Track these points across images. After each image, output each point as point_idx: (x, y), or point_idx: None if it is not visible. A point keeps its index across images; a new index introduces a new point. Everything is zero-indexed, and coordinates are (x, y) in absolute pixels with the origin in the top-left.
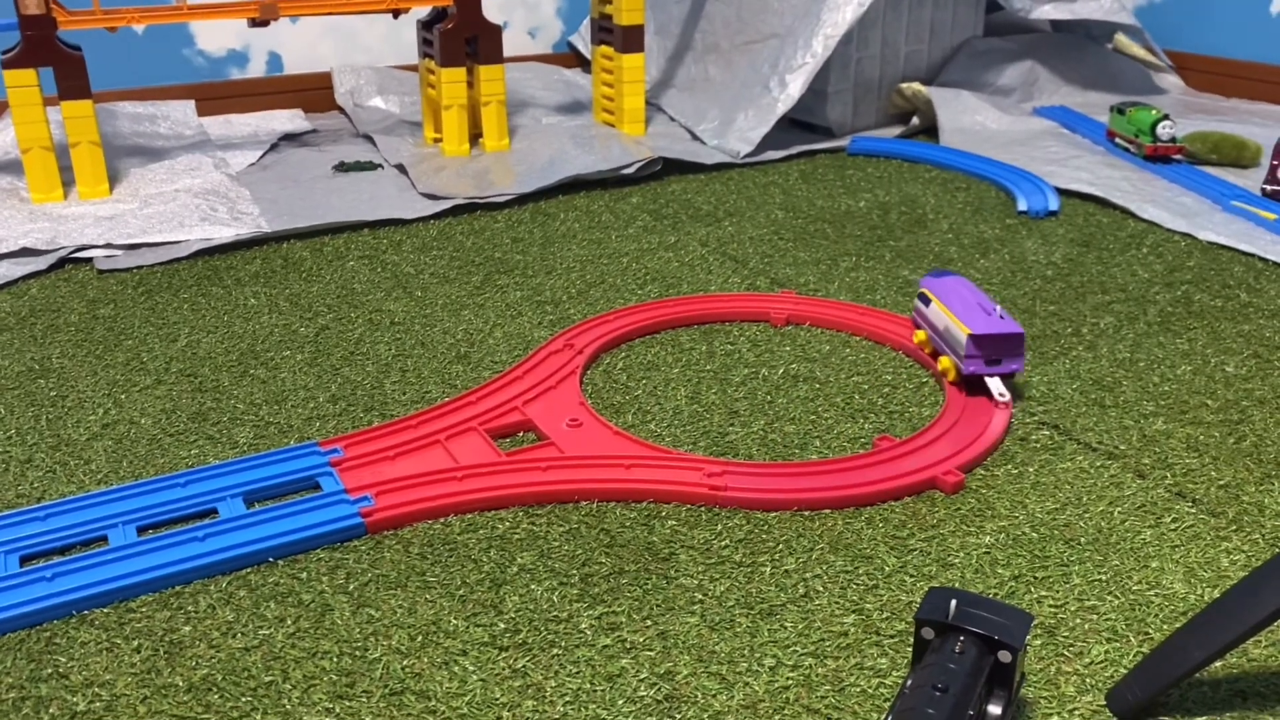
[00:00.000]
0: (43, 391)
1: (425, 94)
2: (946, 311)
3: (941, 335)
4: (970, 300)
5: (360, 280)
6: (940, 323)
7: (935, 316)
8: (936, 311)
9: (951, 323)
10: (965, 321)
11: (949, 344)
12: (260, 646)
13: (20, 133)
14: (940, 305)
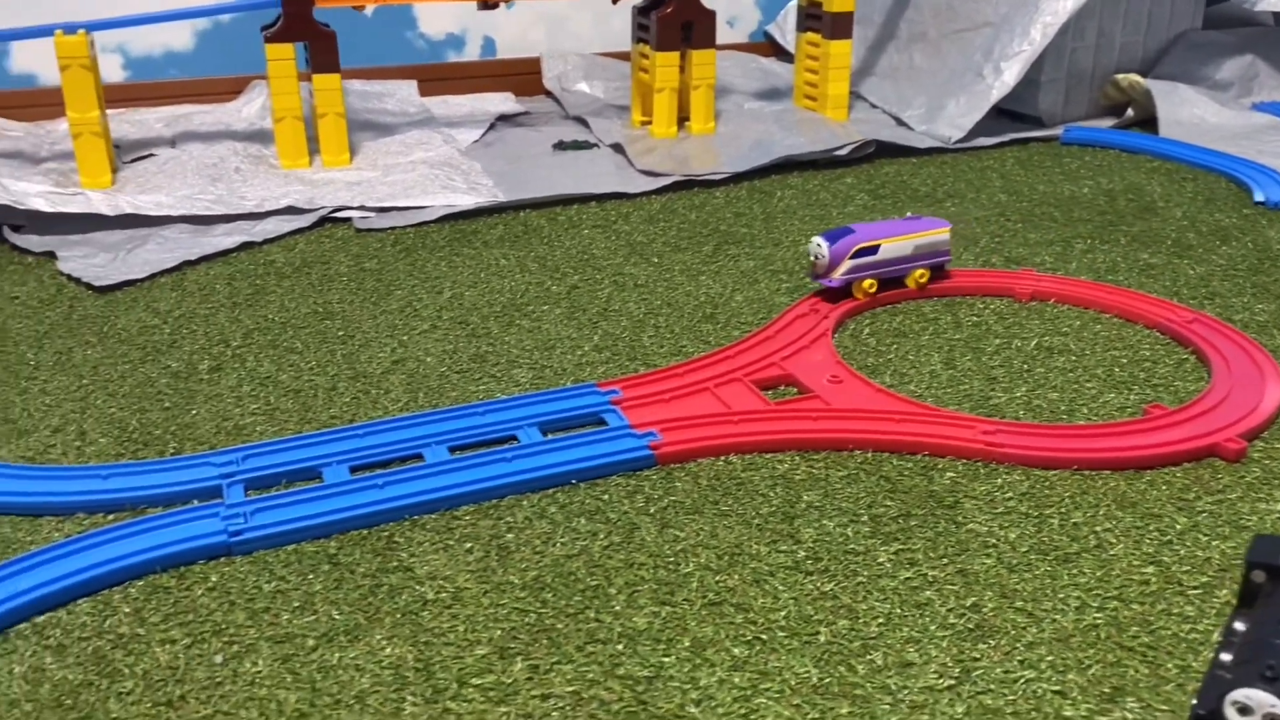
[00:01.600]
0: (332, 330)
1: (636, 78)
2: (906, 237)
3: (909, 258)
4: (896, 224)
5: (598, 247)
6: (906, 249)
7: (895, 251)
8: (893, 246)
9: (923, 238)
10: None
11: (920, 258)
12: (580, 555)
13: (276, 102)
14: (893, 240)
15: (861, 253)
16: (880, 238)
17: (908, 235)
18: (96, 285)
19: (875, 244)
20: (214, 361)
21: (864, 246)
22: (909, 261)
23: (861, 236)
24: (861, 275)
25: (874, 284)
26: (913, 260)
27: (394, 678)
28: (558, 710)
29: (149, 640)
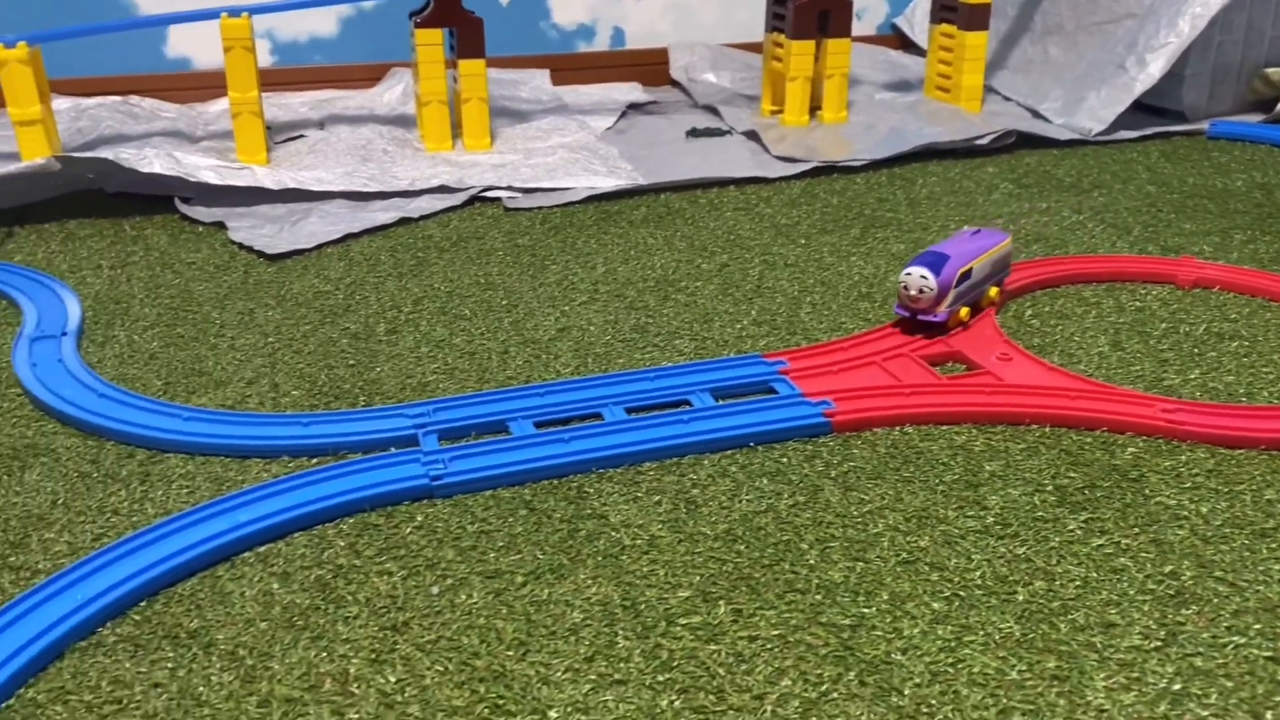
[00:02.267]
0: (495, 300)
1: (768, 67)
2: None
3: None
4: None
5: (743, 228)
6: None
7: (980, 271)
8: (980, 267)
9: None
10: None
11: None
12: (767, 512)
13: (423, 86)
14: (978, 260)
15: (963, 278)
16: (970, 258)
17: (987, 253)
18: (268, 253)
19: (970, 267)
20: (389, 325)
21: (964, 270)
22: (986, 280)
23: (957, 260)
24: (960, 303)
25: (968, 311)
26: (989, 278)
27: (603, 614)
28: (766, 651)
29: (366, 571)
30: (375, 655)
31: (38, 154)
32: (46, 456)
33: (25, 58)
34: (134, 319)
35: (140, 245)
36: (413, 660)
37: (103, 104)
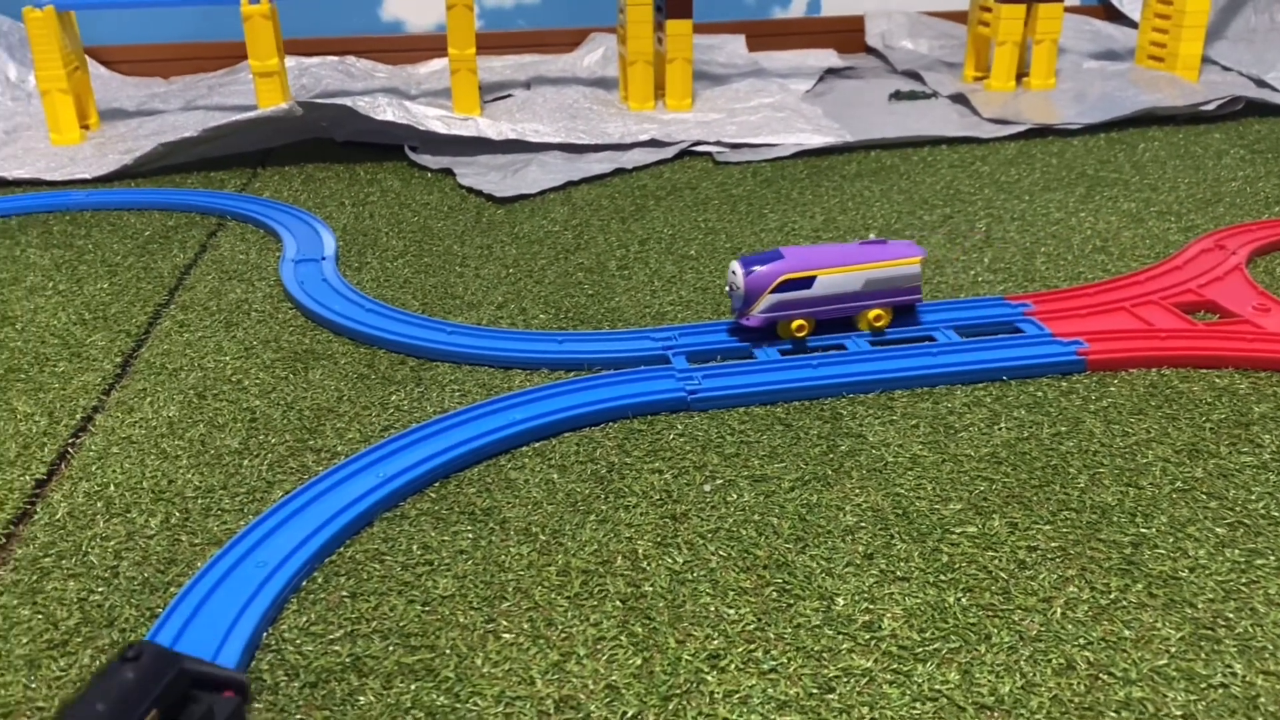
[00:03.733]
0: (719, 243)
1: (974, 32)
2: (857, 268)
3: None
4: (849, 249)
5: (961, 184)
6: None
7: (837, 285)
8: (836, 279)
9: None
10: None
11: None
12: (1029, 439)
13: (631, 45)
14: (835, 271)
15: (789, 286)
16: (817, 267)
17: (858, 265)
18: (496, 196)
19: (809, 275)
20: (619, 262)
21: (793, 278)
22: (859, 299)
23: (791, 265)
24: (789, 314)
25: (804, 325)
26: (866, 298)
27: (875, 519)
28: (1048, 560)
29: (638, 469)
30: (660, 539)
31: (274, 103)
32: (326, 360)
33: (267, 13)
34: (383, 249)
35: (376, 188)
36: (696, 546)
37: (323, 63)
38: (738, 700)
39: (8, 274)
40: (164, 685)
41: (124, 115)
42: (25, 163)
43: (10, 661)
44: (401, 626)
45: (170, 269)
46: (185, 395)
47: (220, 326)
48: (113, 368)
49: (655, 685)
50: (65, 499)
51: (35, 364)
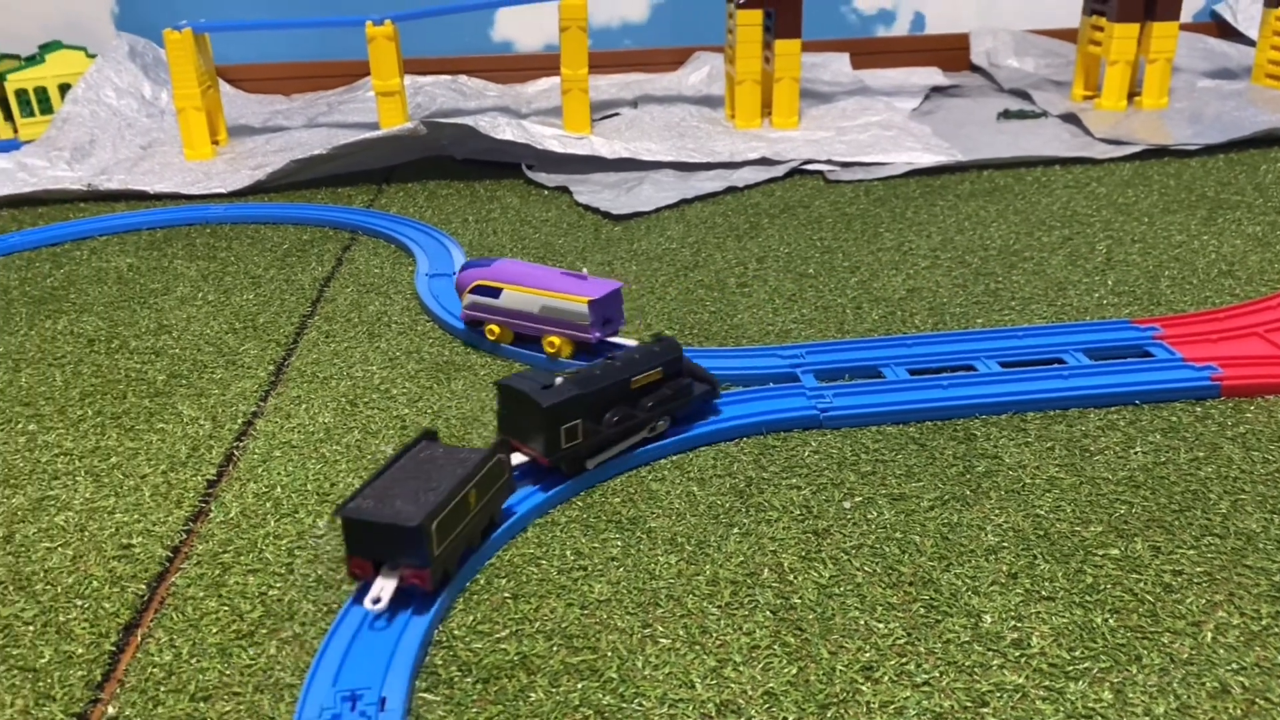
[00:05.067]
0: (836, 261)
1: (1083, 51)
2: (536, 293)
3: (537, 319)
4: (551, 274)
5: (1078, 205)
6: (528, 306)
7: (516, 303)
8: (516, 298)
9: (555, 300)
10: (571, 293)
11: (557, 324)
12: (1166, 464)
13: (740, 65)
14: (518, 289)
15: (482, 291)
16: (508, 282)
17: (538, 290)
18: (613, 214)
19: (498, 286)
20: (739, 279)
21: (485, 285)
22: (535, 321)
23: (487, 274)
24: (485, 317)
25: (498, 331)
26: (540, 322)
27: (1017, 539)
28: (1195, 585)
29: (776, 484)
30: (805, 554)
31: (395, 122)
32: (466, 371)
33: (391, 34)
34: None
35: (496, 204)
36: (840, 561)
37: (436, 82)
38: (893, 711)
39: (159, 284)
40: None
41: (250, 132)
42: (164, 177)
43: (205, 649)
44: (563, 628)
45: (310, 281)
46: (338, 402)
47: (364, 337)
48: (267, 375)
49: (812, 693)
50: (236, 499)
51: (194, 370)
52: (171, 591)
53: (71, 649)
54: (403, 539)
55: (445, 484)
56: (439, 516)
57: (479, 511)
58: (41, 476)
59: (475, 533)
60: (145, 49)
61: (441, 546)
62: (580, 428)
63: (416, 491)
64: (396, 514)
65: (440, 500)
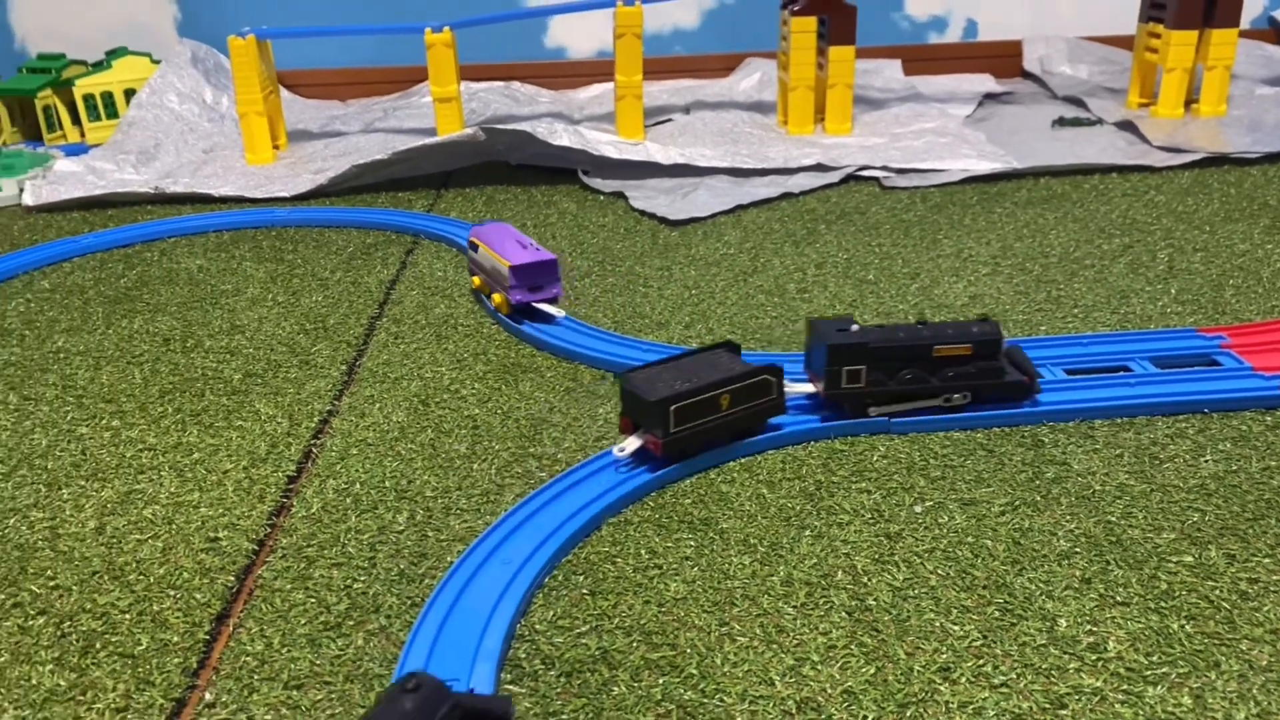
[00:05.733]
0: (896, 268)
1: (1139, 58)
2: (490, 252)
3: (490, 274)
4: (509, 239)
5: (1137, 213)
6: (488, 263)
7: (483, 259)
8: (484, 255)
9: (495, 260)
10: (505, 256)
11: (497, 281)
12: (1238, 472)
13: (793, 72)
14: (485, 248)
15: (472, 247)
16: (484, 241)
17: (493, 250)
18: (670, 219)
19: (478, 244)
20: (798, 285)
21: (472, 241)
22: (490, 278)
23: (477, 233)
24: (473, 269)
25: (478, 282)
26: (492, 278)
27: (1089, 545)
28: (1273, 593)
29: (846, 488)
30: (877, 556)
31: (452, 128)
32: (533, 373)
33: (449, 41)
34: (569, 269)
35: (553, 209)
36: (914, 564)
37: (490, 88)
38: (972, 711)
39: (229, 285)
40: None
41: (309, 136)
42: (227, 181)
43: (294, 639)
44: (641, 624)
45: (376, 283)
46: (410, 402)
47: (432, 339)
48: (339, 375)
49: (891, 693)
50: (317, 494)
51: (269, 370)
52: (259, 583)
53: (167, 637)
54: (649, 410)
55: (703, 381)
56: (681, 403)
57: (732, 414)
58: (127, 471)
59: (724, 431)
60: (206, 55)
61: (679, 428)
62: (863, 373)
63: (680, 380)
64: (651, 390)
65: (688, 390)
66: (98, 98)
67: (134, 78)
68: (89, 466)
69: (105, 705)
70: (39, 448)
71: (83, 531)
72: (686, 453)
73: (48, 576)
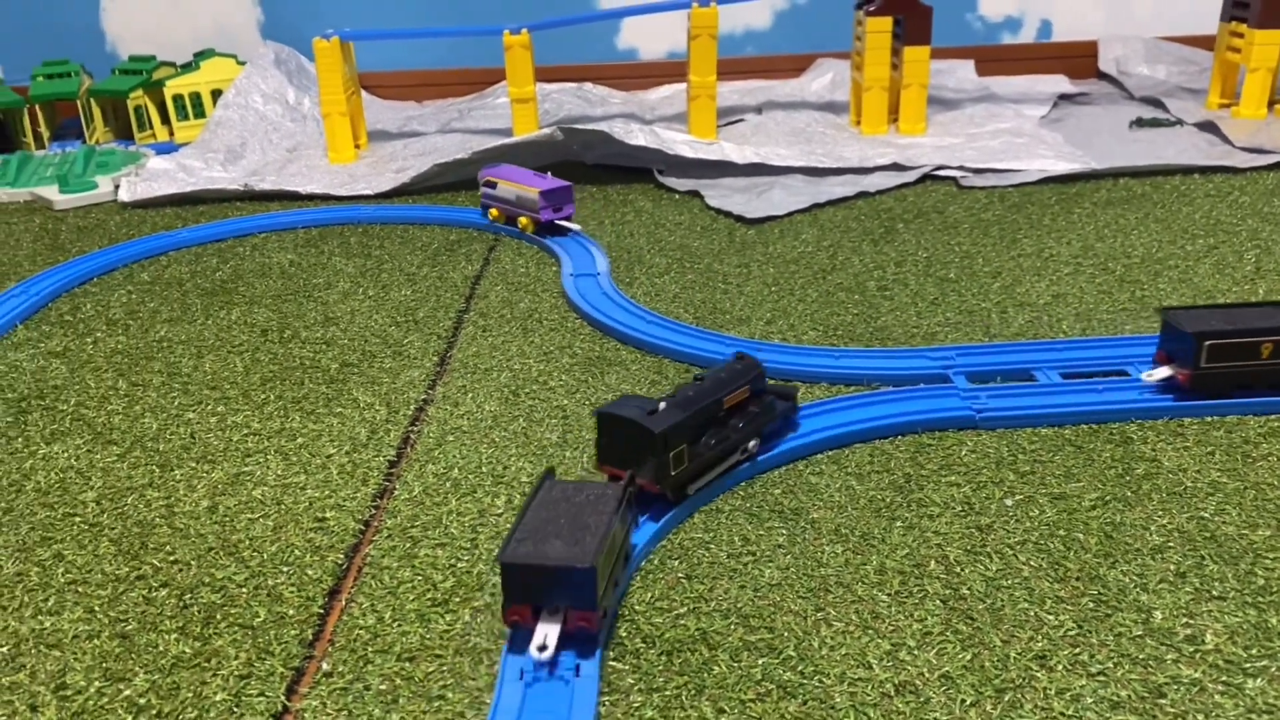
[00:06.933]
0: (977, 267)
1: (1220, 58)
2: (512, 185)
3: (514, 204)
4: (526, 174)
5: (1221, 215)
6: (510, 195)
7: (505, 193)
8: (505, 189)
9: (521, 190)
10: (530, 185)
11: (523, 207)
12: None
13: (869, 72)
14: (505, 183)
15: (489, 185)
16: (501, 178)
17: (514, 183)
18: (746, 217)
19: (496, 181)
20: (879, 283)
21: (490, 180)
22: (514, 206)
23: (491, 172)
24: (490, 203)
25: (495, 213)
26: (516, 206)
27: (1182, 540)
28: None
29: (935, 481)
30: (970, 548)
31: (528, 128)
32: (618, 366)
33: (527, 43)
34: (648, 266)
35: (630, 208)
36: (1006, 555)
37: (562, 89)
38: (1070, 698)
39: (320, 279)
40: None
41: (388, 136)
42: (312, 179)
43: (405, 614)
44: (739, 608)
45: (461, 279)
46: (501, 392)
47: (518, 332)
48: (431, 365)
49: (988, 678)
50: (418, 478)
51: (364, 360)
52: (367, 561)
53: (283, 610)
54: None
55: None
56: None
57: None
58: (235, 454)
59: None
60: (289, 56)
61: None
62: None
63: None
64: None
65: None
66: (186, 98)
67: (220, 78)
68: (198, 449)
69: (229, 672)
70: (150, 430)
71: (196, 510)
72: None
73: (167, 551)
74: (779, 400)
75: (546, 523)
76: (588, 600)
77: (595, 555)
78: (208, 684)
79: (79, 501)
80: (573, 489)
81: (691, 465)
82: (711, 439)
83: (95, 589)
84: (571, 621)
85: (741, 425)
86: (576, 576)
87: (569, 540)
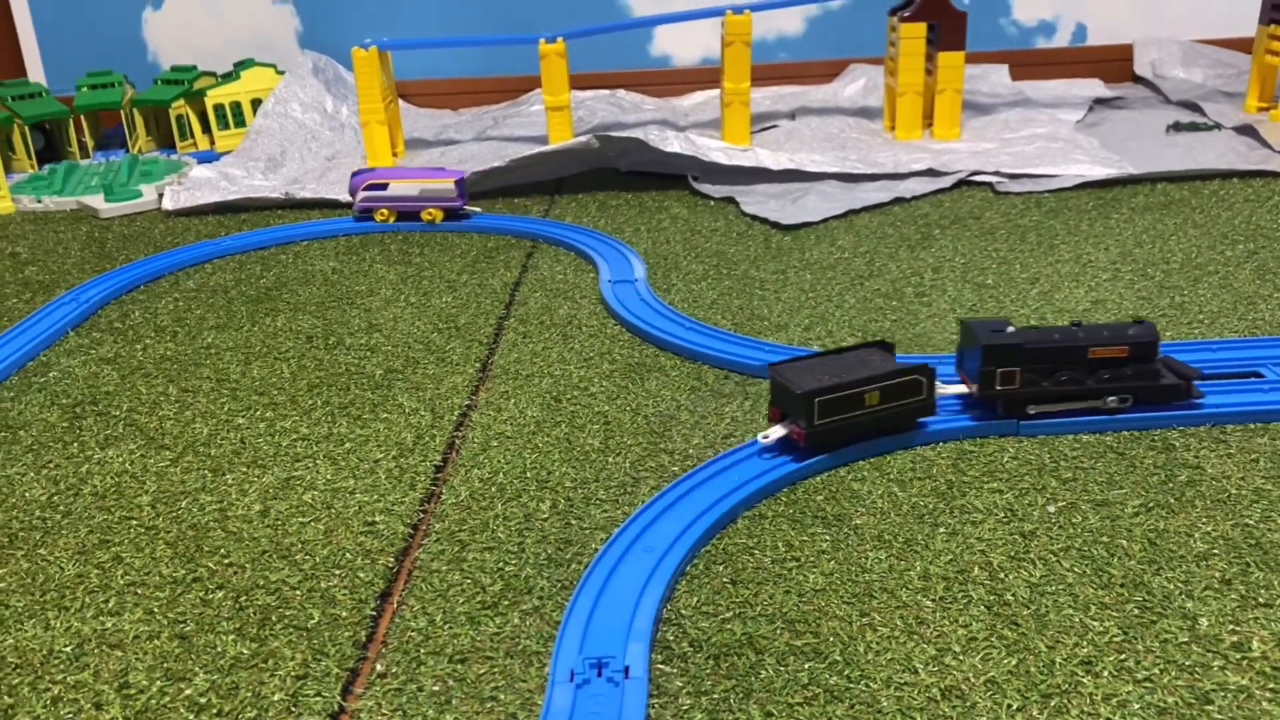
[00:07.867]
0: (1014, 273)
1: (1259, 61)
2: (411, 183)
3: (419, 199)
4: (418, 172)
5: (1262, 219)
6: (413, 190)
7: (403, 190)
8: (402, 187)
9: (428, 184)
10: (437, 178)
11: (436, 199)
12: None
13: (902, 78)
14: (402, 181)
15: (373, 187)
16: (391, 179)
17: (415, 180)
18: (782, 224)
19: (385, 183)
20: (916, 289)
21: (375, 184)
22: (419, 201)
23: (375, 176)
24: (375, 206)
25: (388, 214)
26: (422, 200)
27: (1227, 547)
28: None
29: (977, 488)
30: (1013, 554)
31: (563, 136)
32: (657, 373)
33: (562, 51)
34: (685, 272)
35: (665, 215)
36: (1050, 562)
37: (596, 96)
38: (1117, 704)
39: (363, 286)
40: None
41: (424, 145)
42: None
43: (455, 617)
44: (784, 612)
45: (501, 286)
46: (543, 398)
47: (558, 339)
48: (474, 372)
49: (1034, 683)
50: (464, 483)
51: (408, 366)
52: (417, 565)
53: (336, 612)
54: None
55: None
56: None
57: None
58: (285, 459)
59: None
60: (326, 66)
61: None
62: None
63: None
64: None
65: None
66: (227, 107)
67: (260, 88)
68: (249, 454)
69: (286, 673)
70: (201, 436)
71: (249, 514)
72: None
73: (221, 554)
74: (1169, 373)
75: (830, 365)
76: (803, 418)
77: (814, 390)
78: (265, 684)
79: (135, 505)
80: (881, 360)
81: (1025, 389)
82: (1063, 376)
83: (154, 590)
84: (793, 433)
85: (1107, 378)
86: (797, 399)
87: (817, 378)
